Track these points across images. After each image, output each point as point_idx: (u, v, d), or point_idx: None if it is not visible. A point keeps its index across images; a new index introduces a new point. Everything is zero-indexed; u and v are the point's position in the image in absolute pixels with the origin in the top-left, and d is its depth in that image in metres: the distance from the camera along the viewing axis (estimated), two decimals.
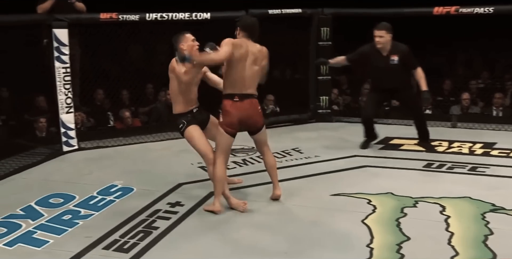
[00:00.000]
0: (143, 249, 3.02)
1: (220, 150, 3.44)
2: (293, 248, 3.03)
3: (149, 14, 5.11)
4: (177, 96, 3.56)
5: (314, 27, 5.93)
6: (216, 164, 3.42)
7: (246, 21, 3.47)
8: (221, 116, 3.41)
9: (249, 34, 3.41)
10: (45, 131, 5.48)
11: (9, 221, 3.36)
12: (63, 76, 4.78)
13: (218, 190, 3.44)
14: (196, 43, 3.52)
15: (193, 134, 3.54)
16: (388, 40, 4.42)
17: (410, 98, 4.67)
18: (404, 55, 4.50)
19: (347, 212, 3.49)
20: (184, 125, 3.56)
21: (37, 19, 4.82)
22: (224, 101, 3.41)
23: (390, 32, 4.42)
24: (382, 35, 4.39)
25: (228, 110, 3.38)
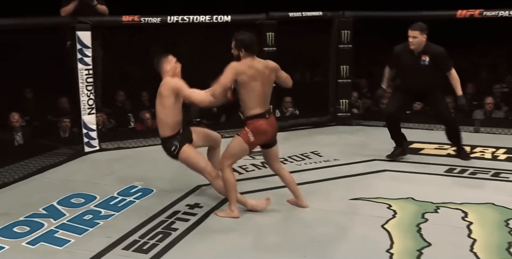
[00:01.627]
0: (162, 250, 3.04)
1: (231, 159, 3.40)
2: (311, 252, 3.01)
3: (170, 17, 5.16)
4: (167, 118, 3.52)
5: (335, 30, 5.90)
6: (225, 170, 3.37)
7: (245, 40, 3.32)
8: (252, 137, 3.32)
9: (251, 51, 3.33)
10: (68, 131, 5.56)
11: (32, 220, 3.42)
12: (86, 78, 4.85)
13: (233, 196, 3.42)
14: (178, 65, 3.55)
15: (190, 154, 3.54)
16: (421, 40, 4.26)
17: (438, 102, 4.48)
18: (437, 56, 4.28)
19: (366, 216, 3.46)
20: (177, 147, 3.54)
21: (61, 22, 4.90)
22: (258, 122, 3.33)
23: (424, 33, 4.27)
24: (415, 35, 4.24)
25: (265, 129, 3.35)
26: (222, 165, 3.39)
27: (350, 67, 5.90)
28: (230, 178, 3.39)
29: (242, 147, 3.37)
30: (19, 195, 3.90)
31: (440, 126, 5.23)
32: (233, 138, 3.42)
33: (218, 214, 3.47)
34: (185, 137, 3.60)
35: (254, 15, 5.63)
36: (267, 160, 3.61)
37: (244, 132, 3.35)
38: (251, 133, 3.33)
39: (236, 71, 3.29)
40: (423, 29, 4.28)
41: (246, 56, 3.34)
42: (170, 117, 3.52)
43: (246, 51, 3.32)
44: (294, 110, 6.45)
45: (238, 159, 3.50)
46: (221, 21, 5.35)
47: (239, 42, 3.32)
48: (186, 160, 3.57)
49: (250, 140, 3.34)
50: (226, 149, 3.42)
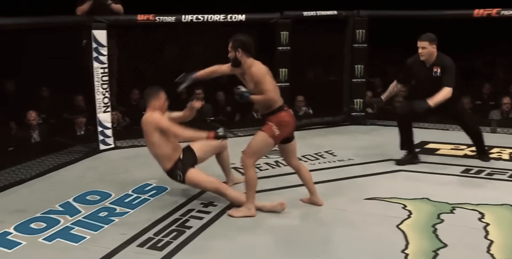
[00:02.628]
0: (177, 247, 3.05)
1: (255, 156, 3.38)
2: (326, 252, 3.00)
3: (185, 16, 5.17)
4: (161, 151, 3.56)
5: (349, 29, 5.87)
6: (249, 168, 3.35)
7: (243, 40, 3.32)
8: (277, 130, 3.31)
9: (249, 52, 3.33)
10: (84, 128, 5.61)
11: (48, 217, 3.46)
12: (101, 76, 4.89)
13: (252, 194, 3.40)
14: (167, 103, 3.62)
15: (195, 179, 3.57)
16: (431, 51, 4.18)
17: (458, 113, 4.40)
18: (445, 68, 4.19)
19: (381, 216, 3.44)
20: (181, 176, 3.58)
21: (77, 21, 4.94)
22: (280, 114, 3.34)
23: (433, 43, 4.18)
24: (424, 46, 4.17)
25: (288, 120, 3.38)
26: (246, 164, 3.36)
27: (364, 66, 5.87)
28: (253, 176, 3.38)
29: (267, 142, 3.33)
30: (35, 191, 3.95)
31: (456, 126, 5.18)
32: (255, 135, 3.39)
33: (234, 215, 3.41)
34: (187, 162, 3.62)
35: (268, 14, 5.62)
36: (286, 156, 3.58)
37: (268, 127, 3.32)
38: (275, 126, 3.31)
39: (269, 73, 3.35)
40: (432, 39, 4.19)
41: (244, 57, 3.32)
42: (163, 150, 3.57)
43: (243, 51, 3.31)
44: (307, 109, 6.43)
45: (262, 156, 3.45)
46: (236, 20, 5.36)
47: (237, 42, 3.32)
48: (195, 185, 3.62)
49: (275, 133, 3.31)
50: (249, 147, 3.37)
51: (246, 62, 3.34)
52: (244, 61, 3.34)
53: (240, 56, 3.32)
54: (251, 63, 3.34)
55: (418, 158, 4.50)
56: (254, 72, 3.30)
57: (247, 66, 3.34)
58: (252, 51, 3.34)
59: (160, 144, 3.55)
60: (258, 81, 3.30)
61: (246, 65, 3.35)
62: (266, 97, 3.31)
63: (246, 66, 3.35)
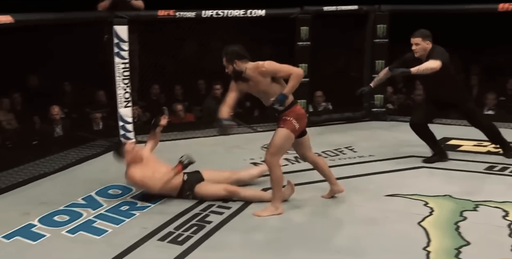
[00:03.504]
0: (197, 242, 3.07)
1: (280, 154, 3.38)
2: (346, 248, 2.99)
3: (204, 11, 5.19)
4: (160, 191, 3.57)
5: (370, 24, 5.81)
6: (275, 167, 3.35)
7: (235, 50, 3.29)
8: (296, 124, 3.32)
9: (245, 57, 3.30)
10: (100, 124, 5.67)
11: (71, 210, 3.51)
12: (122, 71, 4.93)
13: (279, 193, 3.40)
14: (138, 149, 3.63)
15: (205, 191, 3.60)
16: (425, 47, 4.08)
17: (473, 114, 4.31)
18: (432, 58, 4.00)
19: (402, 213, 3.41)
20: (191, 194, 3.61)
21: (99, 16, 4.99)
22: (296, 107, 3.37)
23: (426, 39, 4.08)
24: (417, 42, 4.08)
25: (303, 113, 3.43)
26: (272, 163, 3.34)
27: (385, 62, 5.80)
28: (280, 175, 3.37)
29: (289, 138, 3.34)
30: (59, 185, 4.01)
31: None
32: (276, 132, 3.35)
33: (261, 214, 3.38)
34: (192, 180, 3.66)
35: (288, 9, 5.60)
36: (302, 150, 3.57)
37: (288, 122, 3.31)
38: (294, 120, 3.32)
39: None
40: (425, 35, 4.10)
41: (242, 65, 3.28)
42: (161, 189, 3.56)
43: (241, 60, 3.28)
44: (327, 105, 6.39)
45: (285, 151, 3.44)
46: (256, 16, 5.35)
47: (229, 55, 3.28)
48: (207, 197, 3.63)
49: (295, 127, 3.32)
50: (273, 145, 3.33)
51: (247, 68, 3.30)
52: (245, 68, 3.30)
53: (238, 66, 3.29)
54: (253, 65, 3.30)
55: (446, 156, 4.43)
56: (268, 65, 3.26)
57: (252, 69, 3.30)
58: (248, 55, 3.31)
59: (155, 186, 3.55)
60: (277, 70, 3.27)
61: (249, 70, 3.30)
62: (295, 76, 3.23)
63: (251, 70, 3.30)
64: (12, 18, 3.90)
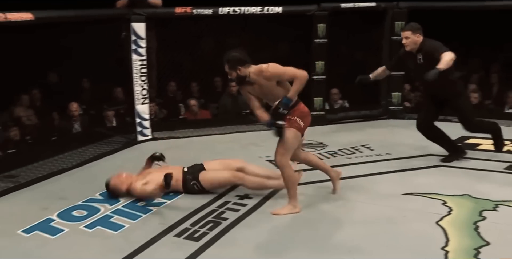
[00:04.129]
0: (213, 238, 3.08)
1: (289, 153, 3.37)
2: (359, 247, 2.97)
3: (221, 8, 5.19)
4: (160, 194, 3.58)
5: (388, 21, 5.75)
6: (286, 167, 3.34)
7: (236, 56, 3.26)
8: (300, 120, 3.33)
9: (247, 62, 3.27)
10: (114, 121, 5.72)
11: (89, 205, 3.55)
12: (140, 68, 4.96)
13: (294, 192, 3.39)
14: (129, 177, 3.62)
15: (210, 178, 3.62)
16: (415, 40, 4.02)
17: (458, 107, 4.16)
18: (427, 51, 3.97)
19: (420, 212, 3.37)
20: (196, 184, 3.63)
21: (117, 14, 5.02)
22: (300, 106, 3.37)
23: (417, 33, 4.02)
24: (407, 36, 4.03)
25: (307, 110, 3.44)
26: (282, 163, 3.33)
27: None
28: (292, 174, 3.38)
29: (297, 137, 3.36)
30: (76, 180, 4.06)
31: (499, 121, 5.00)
32: (285, 134, 3.33)
33: (280, 213, 3.36)
34: (194, 170, 3.69)
35: (305, 6, 5.57)
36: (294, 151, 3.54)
37: (293, 121, 3.33)
38: (299, 118, 3.34)
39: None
40: (415, 29, 4.04)
41: (245, 70, 3.25)
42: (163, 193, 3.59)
43: (243, 66, 3.25)
44: (343, 103, 6.35)
45: (293, 150, 3.44)
46: (272, 13, 5.33)
47: (232, 62, 3.25)
48: (214, 184, 3.64)
49: (301, 126, 3.35)
50: (281, 145, 3.33)
51: (251, 72, 3.27)
52: (248, 73, 3.27)
53: (242, 72, 3.26)
54: (258, 68, 3.28)
55: (464, 152, 4.36)
56: (272, 69, 3.24)
57: (256, 73, 3.28)
58: (249, 59, 3.27)
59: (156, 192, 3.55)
60: (281, 74, 3.25)
61: (253, 74, 3.28)
62: (300, 80, 3.23)
63: (255, 74, 3.28)
64: (32, 15, 3.95)
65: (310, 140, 4.97)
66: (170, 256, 2.90)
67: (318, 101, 5.68)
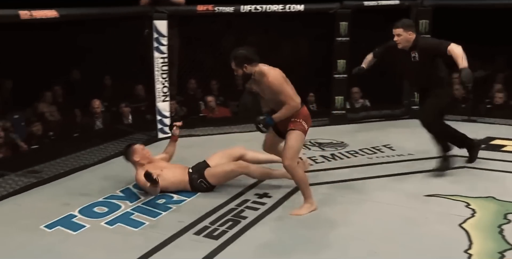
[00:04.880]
0: (232, 237, 3.08)
1: (296, 156, 3.36)
2: (383, 248, 2.93)
3: (243, 6, 5.18)
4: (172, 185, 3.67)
5: (412, 20, 5.62)
6: (295, 168, 3.33)
7: (243, 53, 3.25)
8: (305, 124, 3.35)
9: (255, 60, 3.26)
10: (130, 118, 5.76)
11: (110, 202, 3.58)
12: (161, 66, 4.99)
13: (308, 191, 3.39)
14: (147, 151, 3.74)
15: (216, 173, 3.64)
16: (407, 37, 3.89)
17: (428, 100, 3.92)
18: (424, 48, 3.84)
19: (443, 214, 3.31)
20: (204, 182, 3.66)
21: (140, 11, 5.06)
22: (303, 109, 3.39)
23: (409, 30, 3.89)
24: (399, 33, 3.90)
25: (309, 113, 3.44)
26: (291, 166, 3.31)
27: None
28: (303, 175, 3.38)
29: (302, 139, 3.38)
30: (98, 177, 4.09)
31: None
32: (288, 135, 3.33)
33: (299, 213, 3.34)
34: (199, 169, 3.72)
35: (327, 4, 5.52)
36: (272, 146, 3.61)
37: (298, 124, 3.34)
38: (303, 121, 3.34)
39: (282, 76, 3.32)
40: (407, 25, 3.92)
41: (252, 68, 3.25)
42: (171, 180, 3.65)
43: (250, 64, 3.24)
44: (364, 102, 6.28)
45: (299, 152, 3.45)
46: (294, 11, 5.30)
47: (238, 59, 3.24)
48: (219, 180, 3.67)
49: (305, 128, 3.36)
50: (288, 149, 3.30)
51: (256, 71, 3.28)
52: (254, 71, 3.28)
53: (248, 70, 3.26)
54: (262, 71, 3.27)
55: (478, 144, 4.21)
56: (271, 83, 3.25)
57: (259, 74, 3.28)
58: (257, 58, 3.26)
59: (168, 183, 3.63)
60: (277, 91, 3.27)
61: (257, 74, 3.29)
62: (289, 107, 3.29)
63: (258, 75, 3.29)
64: (57, 13, 4.00)
65: (330, 139, 4.93)
66: (189, 254, 2.91)
67: (339, 100, 5.63)
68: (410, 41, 3.93)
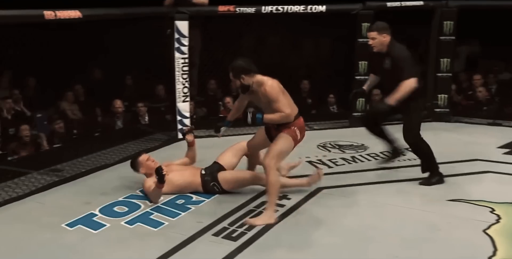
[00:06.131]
0: (251, 239, 3.06)
1: (279, 158, 3.32)
2: (404, 252, 2.88)
3: (264, 7, 5.16)
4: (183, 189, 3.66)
5: (436, 21, 5.57)
6: (273, 172, 3.25)
7: (240, 64, 3.27)
8: (298, 132, 3.36)
9: (252, 71, 3.27)
10: (146, 118, 5.78)
11: (130, 201, 3.60)
12: (182, 66, 5.00)
13: (274, 199, 3.28)
14: (151, 161, 3.67)
15: (229, 178, 3.62)
16: (381, 41, 3.78)
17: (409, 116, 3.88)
18: (395, 60, 3.74)
19: (466, 220, 3.25)
20: (217, 186, 3.64)
21: (161, 12, 5.08)
22: (299, 120, 3.40)
23: (383, 33, 3.77)
24: (373, 36, 3.79)
25: (304, 126, 3.45)
26: (270, 166, 3.25)
27: (451, 60, 5.55)
28: (277, 180, 3.28)
29: (290, 145, 3.35)
30: (118, 176, 4.11)
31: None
32: (279, 138, 3.33)
33: (255, 223, 3.20)
34: (212, 170, 3.70)
35: (350, 5, 5.47)
36: (257, 148, 3.66)
37: (291, 130, 3.34)
38: (298, 130, 3.35)
39: (278, 85, 3.29)
40: (381, 28, 3.79)
41: (249, 79, 3.26)
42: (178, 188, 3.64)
43: (248, 75, 3.25)
44: None
45: (283, 159, 3.42)
46: (316, 11, 5.26)
47: (236, 70, 3.27)
48: (232, 186, 3.64)
49: (297, 137, 3.36)
50: (273, 149, 3.28)
51: (254, 82, 3.29)
52: (252, 82, 3.29)
53: (245, 81, 3.28)
54: (259, 81, 3.29)
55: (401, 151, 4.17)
56: (268, 91, 3.26)
57: (257, 84, 3.30)
58: (254, 68, 3.29)
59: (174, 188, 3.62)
60: (272, 100, 3.27)
61: (255, 84, 3.31)
62: (283, 115, 3.27)
63: (256, 85, 3.31)
64: (80, 13, 4.04)
65: (351, 142, 4.87)
66: (208, 254, 2.90)
67: (360, 101, 5.57)
68: (385, 45, 3.81)
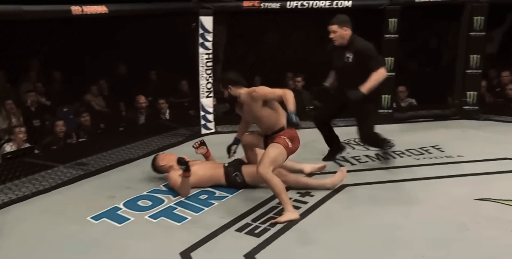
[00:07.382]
0: (273, 235, 3.04)
1: (272, 166, 3.31)
2: (430, 252, 2.82)
3: (289, 2, 5.12)
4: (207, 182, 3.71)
5: (466, 16, 5.43)
6: (270, 176, 3.25)
7: (234, 77, 3.45)
8: (289, 142, 3.39)
9: (240, 84, 3.44)
10: (167, 114, 5.79)
11: (153, 196, 3.62)
12: (206, 62, 5.00)
13: (286, 198, 3.28)
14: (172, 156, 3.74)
15: (252, 174, 3.57)
16: (342, 34, 3.73)
17: (365, 113, 3.89)
18: (360, 53, 3.73)
19: (495, 219, 3.16)
20: (238, 175, 3.66)
21: (186, 7, 5.08)
22: (292, 130, 3.40)
23: (344, 26, 3.73)
24: (334, 30, 3.74)
25: (297, 136, 3.47)
26: (265, 173, 3.25)
27: (481, 56, 5.41)
28: (278, 182, 3.27)
29: (282, 153, 3.35)
30: (142, 171, 4.14)
31: None
32: (269, 147, 3.35)
33: (279, 221, 3.20)
34: (235, 163, 3.71)
35: (376, 0, 5.37)
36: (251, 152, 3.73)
37: (282, 139, 3.38)
38: (288, 139, 3.39)
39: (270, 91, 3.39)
40: (342, 22, 3.73)
41: (236, 90, 3.42)
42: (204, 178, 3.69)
43: (234, 86, 3.42)
44: (411, 101, 6.10)
45: (278, 166, 3.43)
46: (342, 7, 5.19)
47: (224, 81, 3.47)
48: (253, 180, 3.61)
49: (288, 145, 3.39)
50: (265, 158, 3.29)
51: (241, 93, 3.44)
52: (239, 93, 3.44)
53: (232, 91, 3.45)
54: (246, 92, 3.42)
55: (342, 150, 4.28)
56: (257, 92, 3.36)
57: (245, 96, 3.42)
58: (243, 82, 3.46)
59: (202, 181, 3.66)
60: (266, 95, 3.36)
61: (243, 96, 3.44)
62: (289, 97, 3.26)
63: (244, 97, 3.43)
64: (106, 9, 4.07)
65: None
66: (231, 250, 2.89)
67: (386, 98, 5.48)
68: (346, 38, 3.79)
